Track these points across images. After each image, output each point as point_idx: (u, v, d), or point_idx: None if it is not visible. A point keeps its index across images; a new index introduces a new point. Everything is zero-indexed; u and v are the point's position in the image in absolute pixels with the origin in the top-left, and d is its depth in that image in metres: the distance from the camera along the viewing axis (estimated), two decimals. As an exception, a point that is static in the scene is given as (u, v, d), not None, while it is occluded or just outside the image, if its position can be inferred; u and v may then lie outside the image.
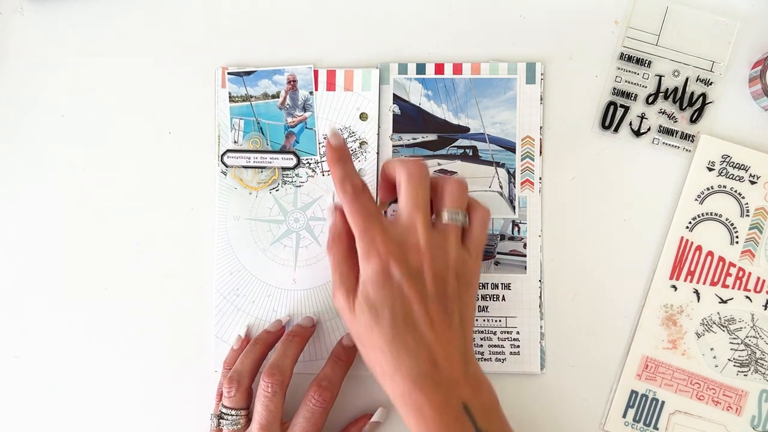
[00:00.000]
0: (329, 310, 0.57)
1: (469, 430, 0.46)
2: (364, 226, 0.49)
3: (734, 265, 0.56)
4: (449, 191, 0.51)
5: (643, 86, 0.57)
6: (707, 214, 0.56)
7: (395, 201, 0.52)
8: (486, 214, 0.52)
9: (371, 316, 0.47)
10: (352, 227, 0.49)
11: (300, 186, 0.58)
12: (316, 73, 0.58)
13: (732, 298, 0.56)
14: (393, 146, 0.57)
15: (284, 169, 0.58)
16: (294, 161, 0.57)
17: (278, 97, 0.58)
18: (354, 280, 0.49)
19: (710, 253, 0.56)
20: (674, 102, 0.57)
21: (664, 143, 0.57)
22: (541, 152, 0.57)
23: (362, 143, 0.57)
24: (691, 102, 0.57)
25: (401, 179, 0.50)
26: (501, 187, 0.57)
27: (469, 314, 0.50)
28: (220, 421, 0.53)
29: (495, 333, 0.57)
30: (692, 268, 0.56)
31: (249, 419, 0.53)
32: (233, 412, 0.52)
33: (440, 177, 0.52)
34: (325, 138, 0.56)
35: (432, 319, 0.48)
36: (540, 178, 0.57)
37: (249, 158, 0.57)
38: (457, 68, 0.57)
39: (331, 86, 0.58)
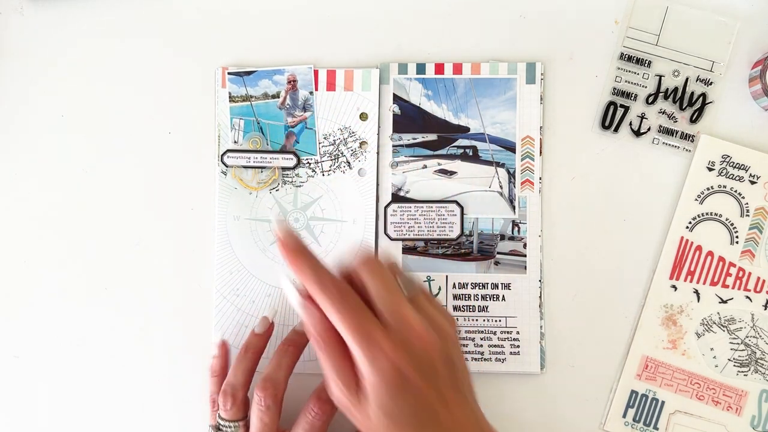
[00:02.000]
0: (329, 310, 0.57)
1: None
2: (361, 328, 0.44)
3: (734, 265, 0.56)
4: (383, 277, 0.47)
5: (643, 86, 0.57)
6: (707, 214, 0.56)
7: None
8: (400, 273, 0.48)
9: (391, 422, 0.44)
10: (345, 329, 0.44)
11: (300, 186, 0.58)
12: (316, 73, 0.58)
13: (732, 298, 0.56)
14: (393, 146, 0.57)
15: (284, 169, 0.58)
16: (294, 161, 0.57)
17: (278, 97, 0.58)
18: (351, 373, 0.45)
19: (710, 253, 0.56)
20: (674, 102, 0.57)
21: (664, 143, 0.57)
22: (541, 152, 0.57)
23: (362, 143, 0.57)
24: (691, 102, 0.57)
25: (362, 276, 0.46)
26: (501, 187, 0.57)
27: (468, 378, 0.48)
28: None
29: (495, 333, 0.57)
30: (692, 268, 0.56)
31: (247, 428, 0.52)
32: (231, 424, 0.52)
33: (361, 267, 0.47)
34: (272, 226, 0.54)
35: (448, 405, 0.45)
36: (540, 178, 0.57)
37: (249, 158, 0.57)
38: (457, 68, 0.57)
39: (331, 86, 0.58)
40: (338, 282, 0.45)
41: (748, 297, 0.56)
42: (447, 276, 0.57)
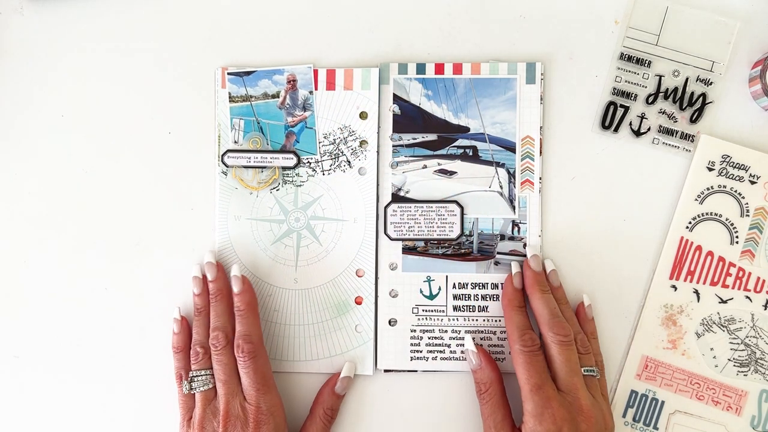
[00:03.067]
0: (330, 309, 0.57)
1: None
2: (540, 383, 0.51)
3: (734, 265, 0.56)
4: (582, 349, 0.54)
5: (643, 86, 0.57)
6: (707, 214, 0.56)
7: None
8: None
9: None
10: (525, 380, 0.51)
11: (300, 185, 0.58)
12: (315, 72, 0.58)
13: (732, 298, 0.56)
14: (393, 146, 0.57)
15: (285, 168, 0.58)
16: (294, 161, 0.57)
17: (278, 97, 0.58)
18: (509, 428, 0.52)
19: (710, 253, 0.56)
20: (674, 102, 0.57)
21: (664, 143, 0.57)
22: (541, 152, 0.57)
23: (362, 142, 0.57)
24: (691, 102, 0.57)
25: (552, 343, 0.52)
26: (501, 187, 0.57)
27: None
28: (192, 384, 0.54)
29: (495, 333, 0.57)
30: (692, 268, 0.56)
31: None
32: (203, 372, 0.54)
33: (555, 336, 0.53)
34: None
35: None
36: (540, 178, 0.57)
37: (249, 158, 0.57)
38: (457, 68, 0.57)
39: (330, 85, 0.58)
40: (537, 344, 0.52)
41: (748, 297, 0.56)
42: (447, 276, 0.57)
